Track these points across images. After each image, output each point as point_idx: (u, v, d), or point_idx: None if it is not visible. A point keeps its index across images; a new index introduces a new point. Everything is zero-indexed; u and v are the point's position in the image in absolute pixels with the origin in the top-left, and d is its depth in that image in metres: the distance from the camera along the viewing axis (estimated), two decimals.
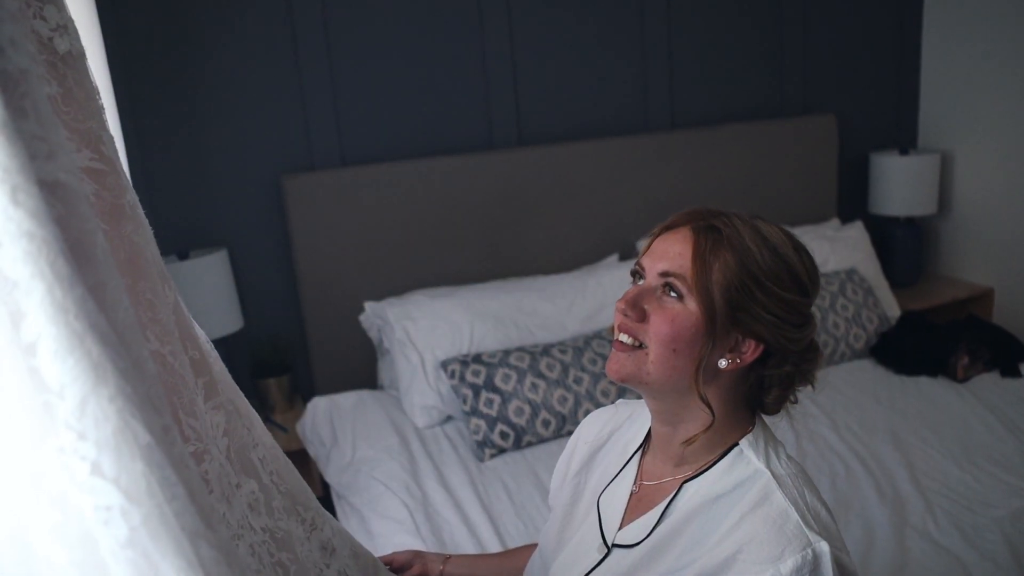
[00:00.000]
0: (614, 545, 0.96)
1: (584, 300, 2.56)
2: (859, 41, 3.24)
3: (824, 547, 0.81)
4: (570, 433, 2.29)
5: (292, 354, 2.62)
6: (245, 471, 0.85)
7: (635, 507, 0.97)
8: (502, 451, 2.20)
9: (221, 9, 2.38)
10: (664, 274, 0.89)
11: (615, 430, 1.09)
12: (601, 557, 0.96)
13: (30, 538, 0.57)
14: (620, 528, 0.97)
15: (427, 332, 2.39)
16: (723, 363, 0.88)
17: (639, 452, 1.02)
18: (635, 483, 0.99)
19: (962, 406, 2.31)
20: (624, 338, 0.90)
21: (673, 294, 0.88)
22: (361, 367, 2.63)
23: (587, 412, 2.34)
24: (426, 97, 2.65)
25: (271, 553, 0.83)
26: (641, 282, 0.92)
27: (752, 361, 0.89)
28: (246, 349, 2.57)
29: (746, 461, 0.90)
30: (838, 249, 2.88)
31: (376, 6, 2.52)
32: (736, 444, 0.92)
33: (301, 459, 2.36)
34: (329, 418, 2.35)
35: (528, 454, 2.19)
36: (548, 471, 2.09)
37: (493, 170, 2.67)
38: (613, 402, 1.17)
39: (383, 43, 2.56)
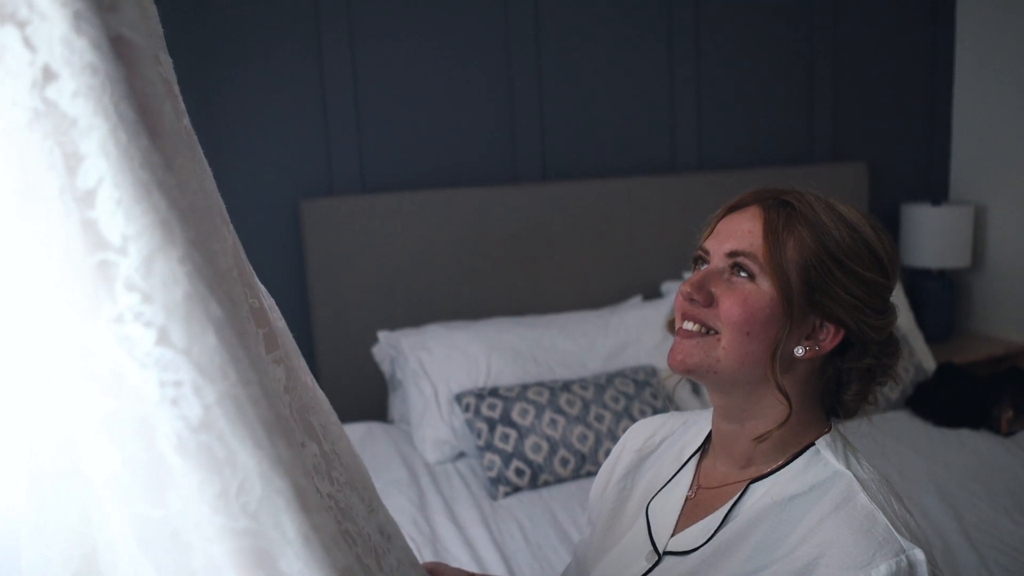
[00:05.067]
0: (666, 552, 0.85)
1: (606, 339, 2.46)
2: (890, 89, 3.20)
3: (920, 555, 0.70)
4: (590, 473, 2.16)
5: None
6: (307, 432, 0.75)
7: (691, 512, 0.87)
8: (517, 489, 2.07)
9: (243, 27, 2.36)
10: (732, 254, 0.81)
11: (667, 436, 0.99)
12: (650, 565, 0.85)
13: (75, 455, 0.47)
14: (673, 535, 0.86)
15: (442, 363, 2.28)
16: (800, 351, 0.80)
17: (697, 455, 0.92)
18: (691, 488, 0.89)
19: (1010, 460, 2.16)
20: (689, 325, 0.82)
21: (743, 274, 0.80)
22: (371, 401, 2.52)
23: (607, 451, 2.22)
24: (450, 127, 2.61)
25: (338, 521, 0.72)
26: (704, 267, 0.84)
27: (831, 351, 0.81)
28: None
29: (823, 462, 0.81)
30: None
31: (404, 33, 2.51)
32: (811, 444, 0.82)
33: None
34: None
35: (545, 494, 2.06)
36: (566, 512, 1.96)
37: (516, 204, 2.61)
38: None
39: (409, 70, 2.53)
